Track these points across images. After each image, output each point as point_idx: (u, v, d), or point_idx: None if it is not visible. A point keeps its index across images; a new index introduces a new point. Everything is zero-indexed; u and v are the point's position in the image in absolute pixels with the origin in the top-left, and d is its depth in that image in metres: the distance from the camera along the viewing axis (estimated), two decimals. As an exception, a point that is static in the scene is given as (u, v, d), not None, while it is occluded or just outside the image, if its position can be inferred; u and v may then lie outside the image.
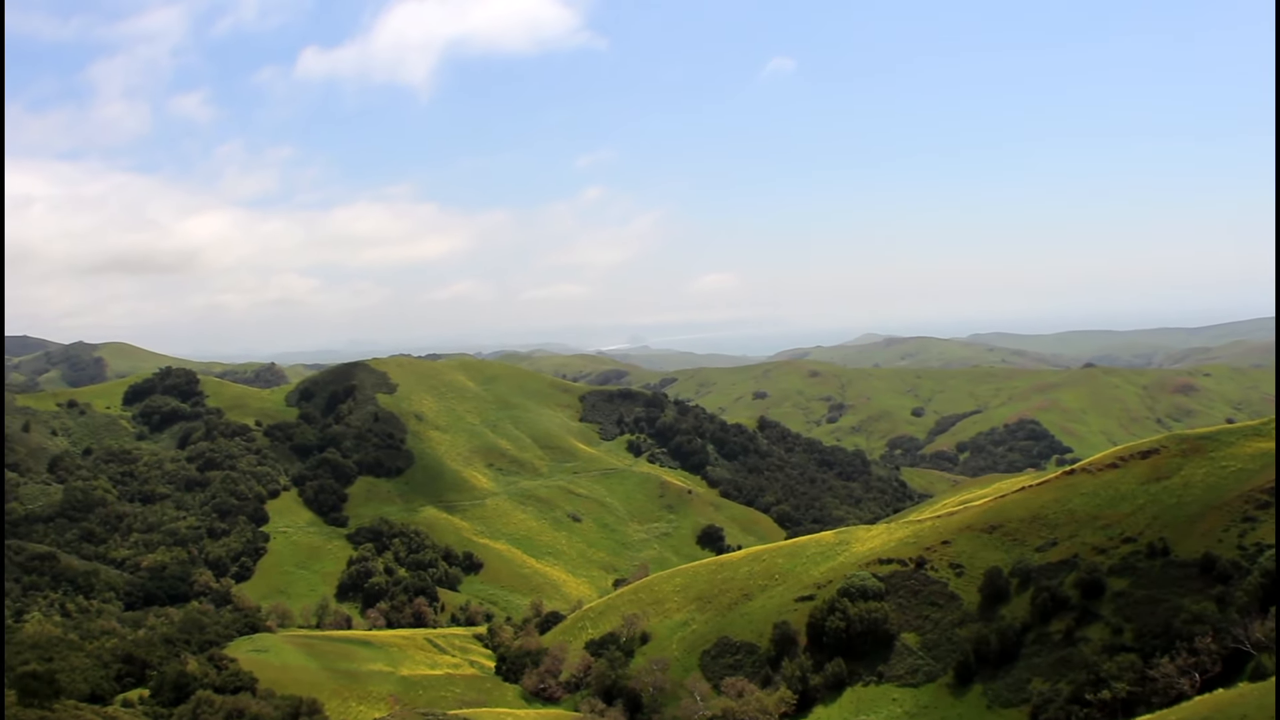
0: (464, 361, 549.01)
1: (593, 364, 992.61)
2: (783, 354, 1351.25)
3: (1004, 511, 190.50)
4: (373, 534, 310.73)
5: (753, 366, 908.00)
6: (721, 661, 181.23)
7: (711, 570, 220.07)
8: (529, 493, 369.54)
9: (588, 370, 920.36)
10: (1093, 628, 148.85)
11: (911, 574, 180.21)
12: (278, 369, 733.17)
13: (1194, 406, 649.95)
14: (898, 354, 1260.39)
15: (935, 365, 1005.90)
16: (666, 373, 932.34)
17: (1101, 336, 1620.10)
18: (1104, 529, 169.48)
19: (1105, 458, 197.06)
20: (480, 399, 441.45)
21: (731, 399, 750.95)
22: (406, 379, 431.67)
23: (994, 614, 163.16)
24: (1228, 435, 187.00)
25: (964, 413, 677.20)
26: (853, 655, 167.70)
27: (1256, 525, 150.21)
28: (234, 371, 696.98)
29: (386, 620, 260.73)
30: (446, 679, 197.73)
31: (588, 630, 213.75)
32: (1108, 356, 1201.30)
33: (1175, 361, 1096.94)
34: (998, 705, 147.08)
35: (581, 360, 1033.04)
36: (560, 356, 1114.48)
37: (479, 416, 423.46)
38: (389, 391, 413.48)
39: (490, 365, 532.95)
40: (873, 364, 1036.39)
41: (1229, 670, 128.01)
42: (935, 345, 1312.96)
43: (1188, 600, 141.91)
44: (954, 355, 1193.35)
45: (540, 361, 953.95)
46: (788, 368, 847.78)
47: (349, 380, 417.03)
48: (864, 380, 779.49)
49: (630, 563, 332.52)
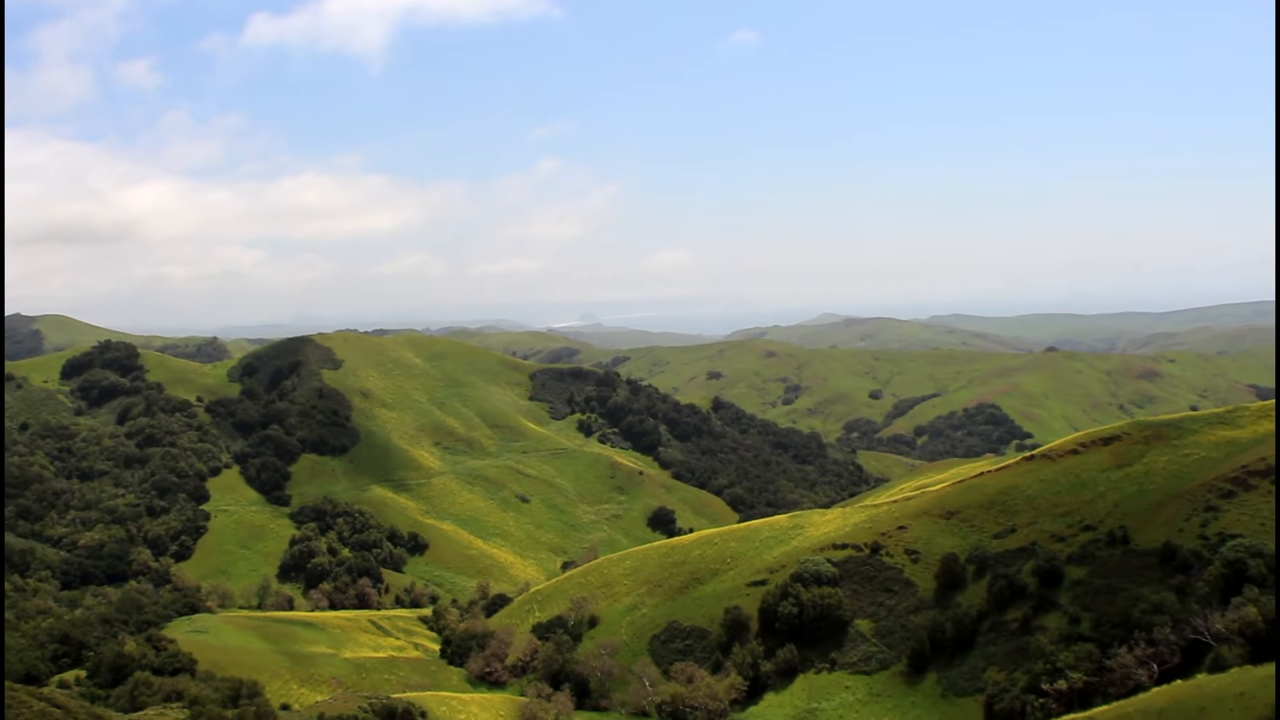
0: (412, 338, 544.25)
1: (544, 341, 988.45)
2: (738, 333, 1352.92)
3: (962, 497, 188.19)
4: (316, 513, 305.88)
5: (707, 346, 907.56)
6: (671, 646, 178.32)
7: (662, 553, 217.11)
8: (477, 472, 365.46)
9: (538, 348, 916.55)
10: (1050, 617, 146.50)
11: (866, 560, 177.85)
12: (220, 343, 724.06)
13: (1158, 393, 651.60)
14: (856, 335, 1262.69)
15: (894, 347, 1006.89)
16: (619, 351, 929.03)
17: (1065, 320, 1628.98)
18: (1063, 516, 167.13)
19: (1066, 444, 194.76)
20: (428, 376, 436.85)
21: (685, 379, 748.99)
22: (353, 355, 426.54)
23: (950, 601, 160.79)
24: (1192, 423, 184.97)
25: (923, 396, 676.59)
26: (805, 642, 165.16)
27: (1219, 515, 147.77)
28: (175, 345, 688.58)
29: (330, 601, 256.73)
30: (390, 662, 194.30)
31: (535, 613, 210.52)
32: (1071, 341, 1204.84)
33: (1140, 347, 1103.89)
34: (952, 694, 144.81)
35: (532, 337, 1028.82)
36: (511, 333, 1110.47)
37: (426, 394, 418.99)
38: (334, 368, 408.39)
39: (439, 342, 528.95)
40: (831, 345, 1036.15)
41: (1188, 662, 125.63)
42: (895, 327, 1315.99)
43: (1147, 590, 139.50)
44: (914, 337, 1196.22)
45: (490, 338, 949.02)
46: (743, 348, 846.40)
47: (294, 356, 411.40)
48: (821, 361, 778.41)
49: (579, 545, 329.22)
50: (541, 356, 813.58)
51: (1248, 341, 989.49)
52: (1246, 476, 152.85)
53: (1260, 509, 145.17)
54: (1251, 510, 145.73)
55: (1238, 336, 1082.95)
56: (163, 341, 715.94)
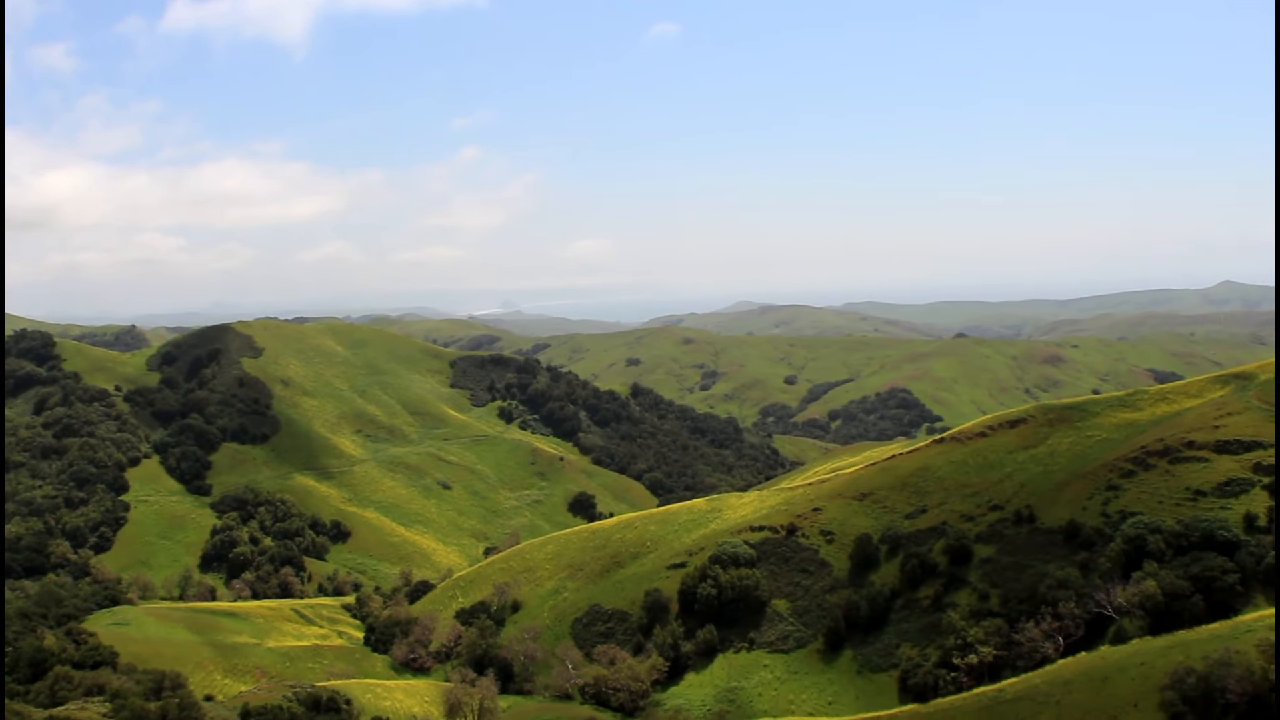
0: (333, 325, 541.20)
1: (464, 329, 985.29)
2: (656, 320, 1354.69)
3: (874, 479, 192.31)
4: (238, 502, 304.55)
5: (626, 333, 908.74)
6: (593, 629, 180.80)
7: (583, 538, 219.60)
8: (398, 460, 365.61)
9: (459, 335, 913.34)
10: (960, 593, 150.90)
11: (783, 541, 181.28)
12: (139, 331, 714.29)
13: (1061, 377, 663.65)
14: (771, 322, 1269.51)
15: (809, 333, 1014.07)
16: (539, 338, 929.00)
17: (973, 308, 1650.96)
18: (972, 496, 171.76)
19: (974, 427, 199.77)
20: (349, 364, 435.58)
21: (604, 365, 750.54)
22: (273, 343, 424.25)
23: (864, 580, 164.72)
24: (1094, 406, 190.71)
25: (836, 381, 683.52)
26: (724, 622, 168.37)
27: (1120, 494, 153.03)
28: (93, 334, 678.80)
29: (252, 591, 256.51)
30: (314, 650, 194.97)
31: (458, 599, 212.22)
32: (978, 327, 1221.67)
33: (1044, 333, 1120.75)
34: (868, 670, 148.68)
35: (453, 325, 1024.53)
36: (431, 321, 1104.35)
37: (347, 382, 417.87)
38: (255, 355, 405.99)
39: (359, 329, 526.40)
40: (746, 332, 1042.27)
41: (1091, 634, 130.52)
42: (809, 313, 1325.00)
43: (1052, 566, 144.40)
44: (827, 324, 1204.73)
45: (411, 326, 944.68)
46: (661, 334, 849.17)
47: (213, 344, 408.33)
48: (737, 348, 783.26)
49: (501, 530, 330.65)
50: (462, 344, 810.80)
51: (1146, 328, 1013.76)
52: (1146, 457, 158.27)
53: (1158, 487, 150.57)
54: (1150, 489, 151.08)
55: (1137, 323, 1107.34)
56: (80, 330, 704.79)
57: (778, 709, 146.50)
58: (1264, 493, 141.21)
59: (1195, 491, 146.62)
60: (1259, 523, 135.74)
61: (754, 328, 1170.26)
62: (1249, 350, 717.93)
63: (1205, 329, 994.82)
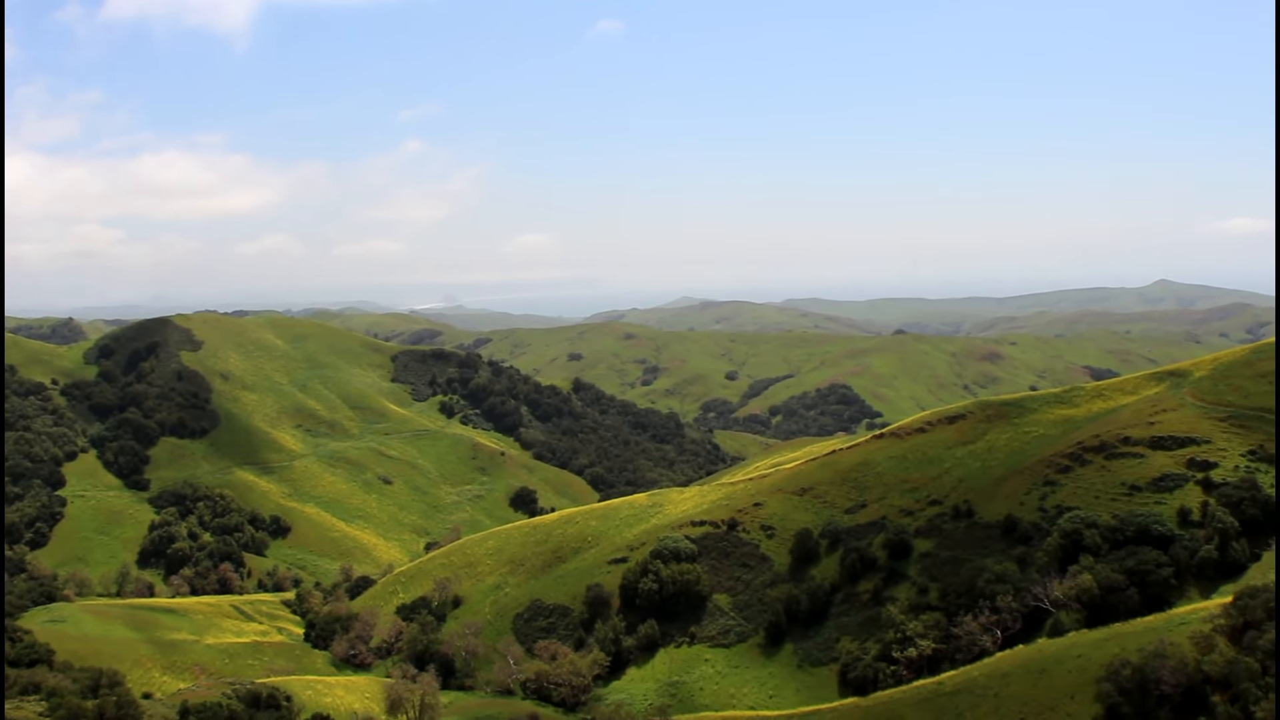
0: (273, 319, 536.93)
1: (406, 323, 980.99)
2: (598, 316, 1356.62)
3: (815, 474, 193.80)
4: (176, 497, 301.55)
5: (568, 328, 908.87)
6: (535, 625, 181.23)
7: (524, 533, 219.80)
8: (339, 454, 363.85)
9: (400, 329, 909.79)
10: (900, 587, 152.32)
11: (724, 536, 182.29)
12: (76, 324, 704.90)
13: (1000, 374, 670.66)
14: (713, 318, 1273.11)
15: (750, 329, 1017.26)
16: (481, 333, 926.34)
17: (912, 304, 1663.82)
18: (912, 492, 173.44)
19: (913, 422, 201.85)
20: (289, 358, 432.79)
21: (546, 360, 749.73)
22: (212, 336, 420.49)
23: (804, 575, 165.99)
24: (1031, 402, 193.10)
25: (777, 377, 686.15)
26: (665, 617, 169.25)
27: (1056, 489, 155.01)
28: (29, 327, 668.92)
29: (191, 587, 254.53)
30: (254, 647, 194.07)
31: (399, 595, 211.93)
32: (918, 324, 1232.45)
33: (983, 330, 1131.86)
34: (808, 664, 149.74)
35: (394, 319, 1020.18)
36: (372, 315, 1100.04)
37: (288, 376, 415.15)
38: (194, 349, 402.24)
39: (300, 323, 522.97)
40: (688, 327, 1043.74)
41: (1029, 627, 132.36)
42: (750, 310, 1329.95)
43: (990, 560, 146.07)
44: (768, 320, 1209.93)
45: (352, 320, 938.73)
46: (603, 330, 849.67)
47: (152, 337, 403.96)
48: (679, 343, 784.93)
49: (442, 526, 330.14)
50: (403, 338, 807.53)
51: (1083, 325, 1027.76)
52: (1082, 452, 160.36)
53: (1094, 483, 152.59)
54: (1086, 484, 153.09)
55: (1074, 321, 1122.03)
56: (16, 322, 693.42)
57: (719, 703, 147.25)
58: (1197, 488, 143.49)
59: (1130, 487, 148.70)
60: (1193, 517, 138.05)
61: (695, 323, 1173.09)
62: (1183, 348, 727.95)
63: (1140, 327, 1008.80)
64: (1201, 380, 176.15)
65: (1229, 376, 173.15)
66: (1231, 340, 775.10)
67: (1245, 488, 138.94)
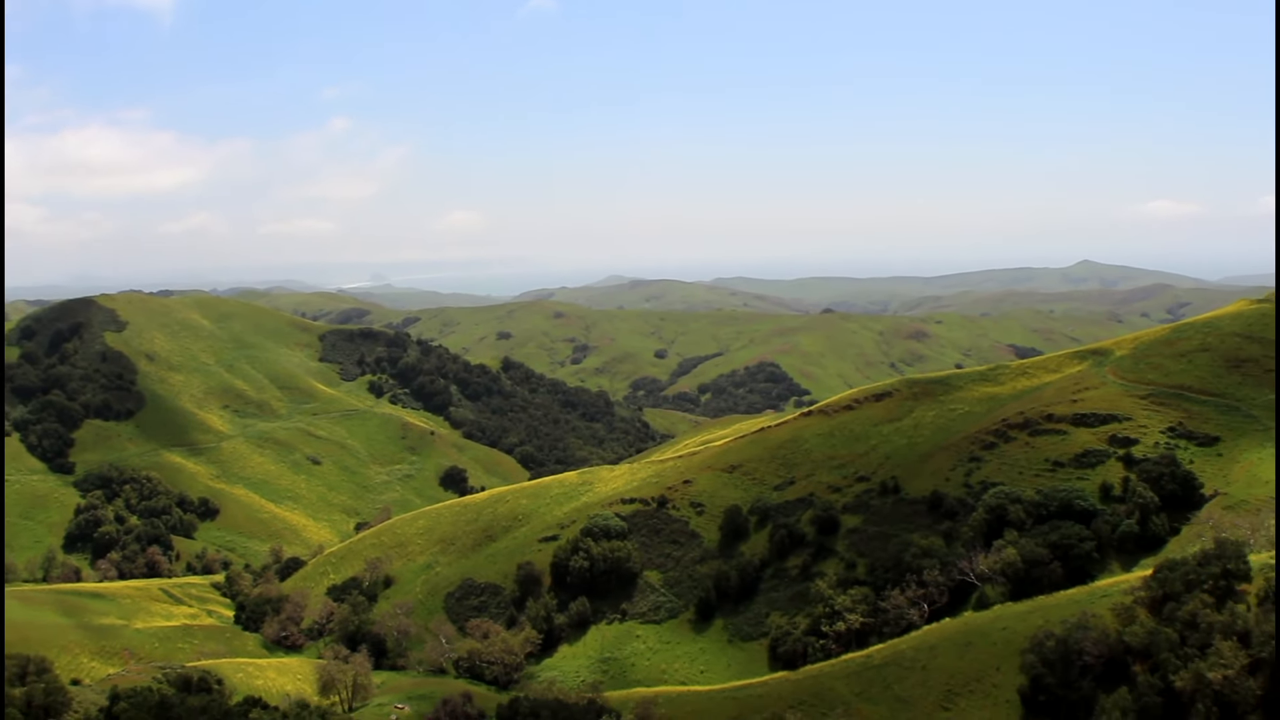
0: (199, 299, 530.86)
1: (333, 302, 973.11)
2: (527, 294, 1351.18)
3: (743, 451, 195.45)
4: (102, 480, 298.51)
5: (497, 307, 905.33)
6: (466, 603, 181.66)
7: (455, 512, 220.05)
8: (267, 435, 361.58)
9: (328, 309, 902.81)
10: (828, 563, 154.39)
11: (654, 513, 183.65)
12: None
13: (926, 352, 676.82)
14: (642, 296, 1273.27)
15: (679, 308, 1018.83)
16: (409, 312, 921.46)
17: (840, 283, 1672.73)
18: (839, 468, 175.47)
19: (841, 400, 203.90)
20: (216, 338, 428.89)
21: (475, 339, 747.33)
22: (137, 317, 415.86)
23: (734, 551, 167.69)
24: (956, 380, 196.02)
25: (706, 355, 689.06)
26: (597, 594, 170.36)
27: (981, 465, 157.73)
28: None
29: (119, 571, 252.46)
30: (184, 630, 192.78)
31: (330, 575, 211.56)
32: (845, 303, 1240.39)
33: (909, 309, 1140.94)
34: (738, 639, 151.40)
35: (322, 298, 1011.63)
36: (300, 294, 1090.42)
37: (214, 356, 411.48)
38: (118, 330, 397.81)
39: (226, 303, 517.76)
40: (618, 306, 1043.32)
41: (955, 601, 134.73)
42: (679, 288, 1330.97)
43: (917, 535, 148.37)
44: (697, 298, 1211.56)
45: (279, 299, 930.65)
46: (532, 308, 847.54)
47: (75, 318, 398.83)
48: (608, 322, 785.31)
49: (372, 506, 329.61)
50: (331, 317, 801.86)
51: (1007, 305, 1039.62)
52: (1006, 429, 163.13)
53: (1018, 459, 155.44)
54: (1010, 460, 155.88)
55: (998, 300, 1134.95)
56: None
57: (651, 678, 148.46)
58: (1119, 464, 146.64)
59: (1054, 463, 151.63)
60: (1114, 493, 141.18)
61: (625, 302, 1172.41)
62: (1105, 327, 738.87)
63: (1064, 307, 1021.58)
64: (1123, 359, 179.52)
65: (1150, 355, 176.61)
66: (1152, 320, 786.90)
67: (1165, 464, 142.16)
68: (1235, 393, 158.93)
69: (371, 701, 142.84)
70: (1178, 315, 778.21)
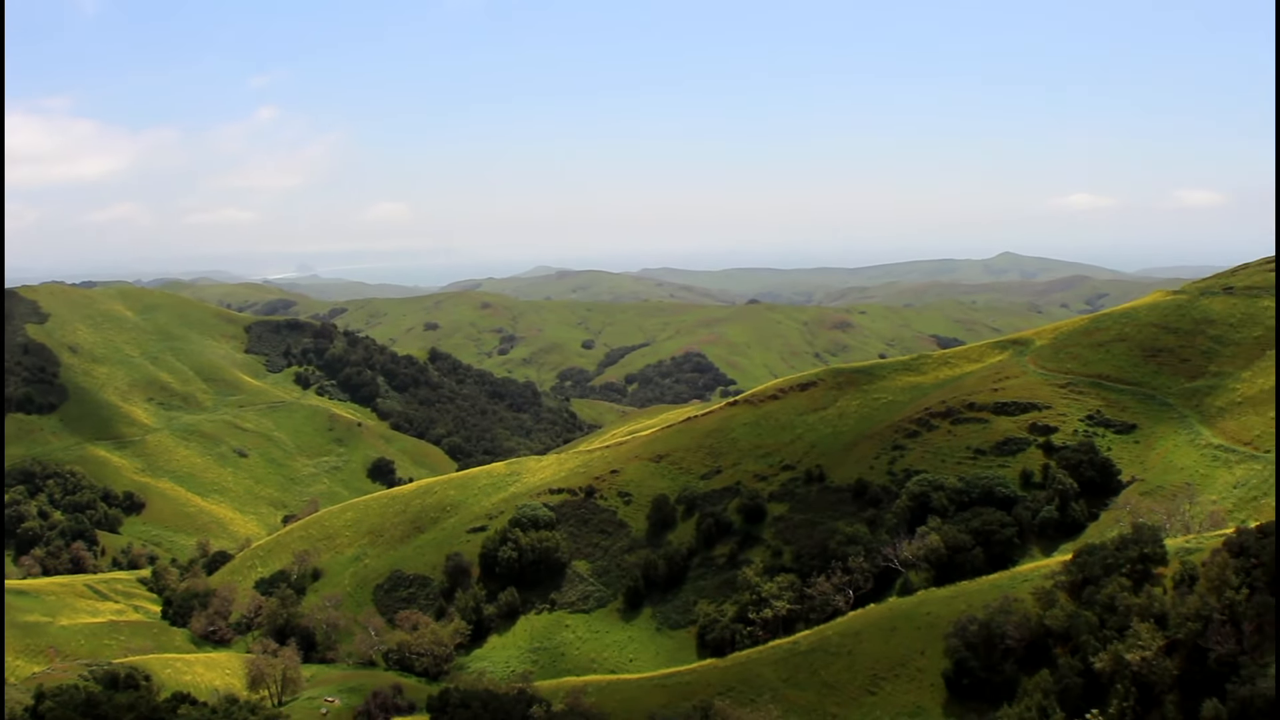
0: (123, 290, 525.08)
1: (259, 293, 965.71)
2: (455, 285, 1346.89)
3: (671, 441, 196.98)
4: (24, 475, 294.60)
5: (424, 298, 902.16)
6: (395, 595, 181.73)
7: (383, 504, 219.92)
8: (193, 428, 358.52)
9: (254, 300, 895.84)
10: (755, 550, 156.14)
11: (582, 503, 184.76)
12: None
13: (850, 342, 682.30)
14: (569, 287, 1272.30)
15: (606, 299, 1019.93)
16: (336, 303, 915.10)
17: (766, 274, 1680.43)
18: (765, 457, 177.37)
19: (767, 390, 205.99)
20: (140, 329, 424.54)
21: (402, 330, 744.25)
22: (59, 308, 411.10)
23: (662, 540, 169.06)
24: (880, 370, 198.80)
25: (633, 345, 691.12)
26: (526, 584, 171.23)
27: (905, 453, 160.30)
28: None
29: (43, 568, 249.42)
30: (110, 626, 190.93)
31: (257, 569, 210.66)
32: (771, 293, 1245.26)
33: (834, 300, 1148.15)
34: (667, 627, 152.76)
35: (248, 289, 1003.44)
36: (225, 285, 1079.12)
37: (139, 348, 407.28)
38: (40, 322, 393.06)
39: (151, 294, 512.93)
40: (545, 296, 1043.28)
41: (880, 587, 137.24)
42: (606, 279, 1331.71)
43: (842, 523, 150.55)
44: (624, 289, 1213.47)
45: (204, 290, 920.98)
46: (459, 299, 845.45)
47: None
48: (535, 312, 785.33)
49: (300, 498, 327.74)
50: (257, 309, 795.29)
51: (930, 296, 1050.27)
52: (929, 418, 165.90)
53: (940, 447, 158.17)
54: (933, 448, 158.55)
55: (921, 291, 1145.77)
56: None
57: (580, 668, 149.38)
58: (1039, 451, 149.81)
59: (976, 451, 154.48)
60: (1034, 479, 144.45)
61: (552, 292, 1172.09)
62: (1026, 318, 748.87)
63: (986, 297, 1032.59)
64: (1043, 349, 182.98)
65: (1068, 345, 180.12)
66: (1071, 311, 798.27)
67: (1084, 451, 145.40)
68: (1151, 381, 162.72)
69: (301, 695, 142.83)
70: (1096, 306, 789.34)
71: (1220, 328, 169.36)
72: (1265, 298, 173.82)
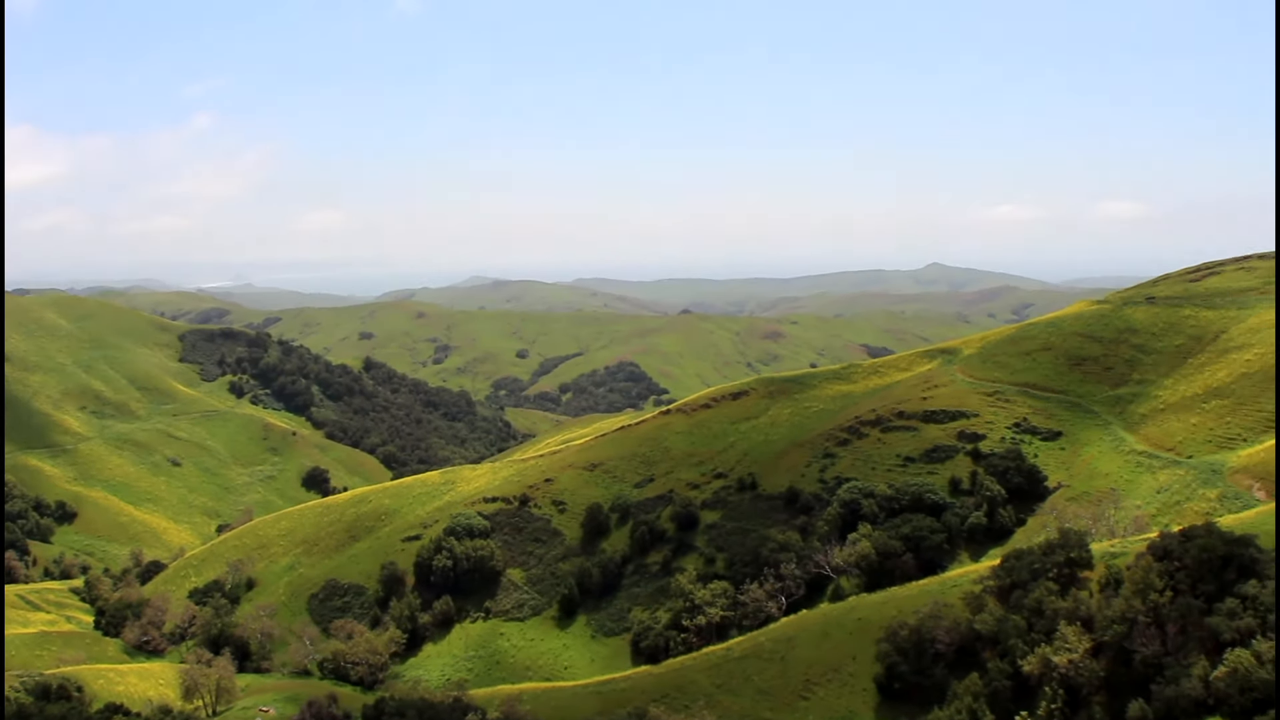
0: (56, 298, 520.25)
1: (194, 302, 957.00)
2: (389, 295, 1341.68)
3: (604, 450, 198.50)
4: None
5: (359, 307, 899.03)
6: (330, 604, 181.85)
7: (318, 513, 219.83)
8: (126, 436, 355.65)
9: (188, 308, 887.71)
10: (688, 558, 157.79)
11: (516, 511, 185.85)
12: None
13: (781, 352, 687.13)
14: (504, 297, 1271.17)
15: (540, 309, 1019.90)
16: (271, 312, 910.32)
17: (698, 285, 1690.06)
18: (698, 465, 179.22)
19: (699, 399, 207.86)
20: (73, 337, 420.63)
21: (337, 339, 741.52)
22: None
23: (595, 548, 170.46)
24: (811, 379, 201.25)
25: (567, 355, 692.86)
26: (460, 592, 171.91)
27: (835, 461, 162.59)
28: None
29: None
30: (42, 637, 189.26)
31: (191, 579, 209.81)
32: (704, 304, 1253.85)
33: (766, 310, 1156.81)
34: (601, 635, 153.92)
35: (181, 298, 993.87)
36: (159, 293, 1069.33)
37: (72, 356, 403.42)
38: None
39: (84, 302, 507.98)
40: (479, 306, 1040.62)
41: (812, 593, 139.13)
42: (540, 289, 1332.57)
43: (774, 530, 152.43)
44: (559, 299, 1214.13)
45: (138, 298, 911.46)
46: (394, 308, 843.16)
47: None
48: (470, 322, 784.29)
49: (234, 507, 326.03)
50: (191, 317, 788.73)
51: (860, 306, 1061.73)
52: (859, 426, 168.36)
53: (871, 454, 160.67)
54: (864, 456, 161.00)
55: (852, 301, 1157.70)
56: None
57: (516, 675, 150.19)
58: (967, 458, 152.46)
59: (905, 458, 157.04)
60: (963, 486, 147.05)
61: (487, 302, 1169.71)
62: (953, 328, 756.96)
63: (915, 307, 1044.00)
64: (971, 357, 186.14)
65: (996, 354, 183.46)
66: (998, 320, 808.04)
67: (1011, 458, 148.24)
68: (1077, 389, 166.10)
69: (236, 705, 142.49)
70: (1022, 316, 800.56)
71: (1143, 336, 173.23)
72: (1186, 307, 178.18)
